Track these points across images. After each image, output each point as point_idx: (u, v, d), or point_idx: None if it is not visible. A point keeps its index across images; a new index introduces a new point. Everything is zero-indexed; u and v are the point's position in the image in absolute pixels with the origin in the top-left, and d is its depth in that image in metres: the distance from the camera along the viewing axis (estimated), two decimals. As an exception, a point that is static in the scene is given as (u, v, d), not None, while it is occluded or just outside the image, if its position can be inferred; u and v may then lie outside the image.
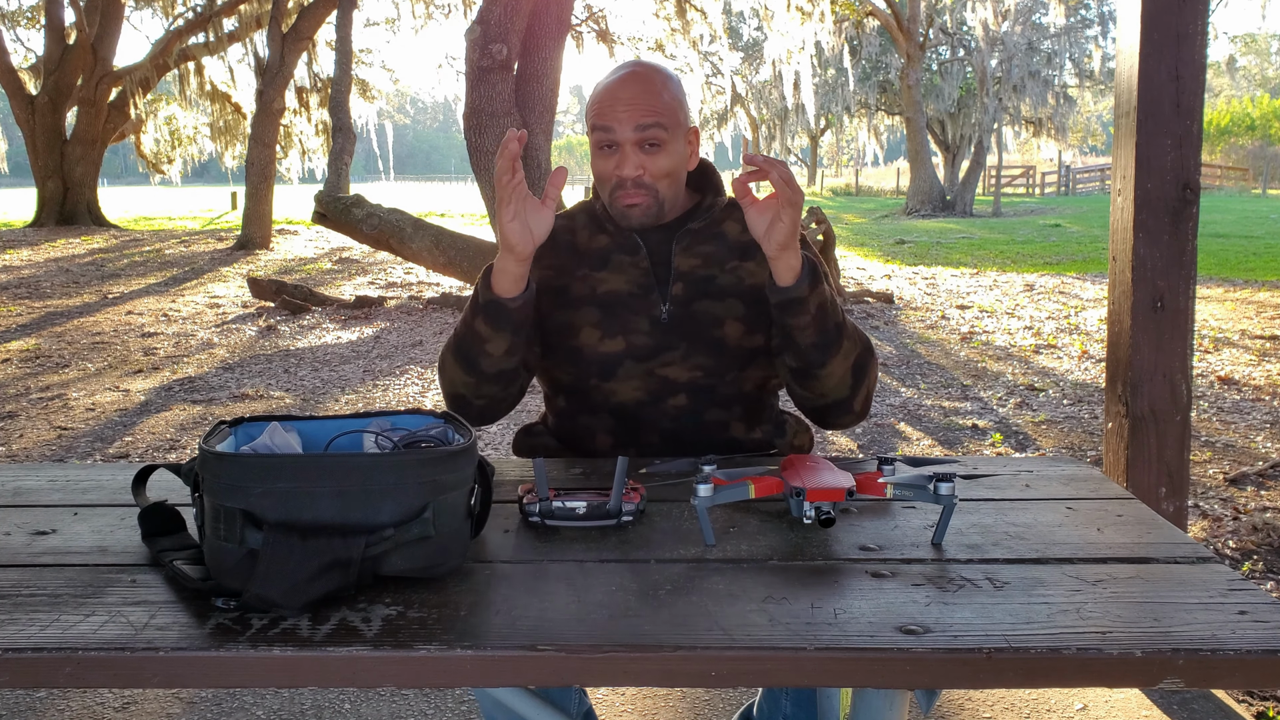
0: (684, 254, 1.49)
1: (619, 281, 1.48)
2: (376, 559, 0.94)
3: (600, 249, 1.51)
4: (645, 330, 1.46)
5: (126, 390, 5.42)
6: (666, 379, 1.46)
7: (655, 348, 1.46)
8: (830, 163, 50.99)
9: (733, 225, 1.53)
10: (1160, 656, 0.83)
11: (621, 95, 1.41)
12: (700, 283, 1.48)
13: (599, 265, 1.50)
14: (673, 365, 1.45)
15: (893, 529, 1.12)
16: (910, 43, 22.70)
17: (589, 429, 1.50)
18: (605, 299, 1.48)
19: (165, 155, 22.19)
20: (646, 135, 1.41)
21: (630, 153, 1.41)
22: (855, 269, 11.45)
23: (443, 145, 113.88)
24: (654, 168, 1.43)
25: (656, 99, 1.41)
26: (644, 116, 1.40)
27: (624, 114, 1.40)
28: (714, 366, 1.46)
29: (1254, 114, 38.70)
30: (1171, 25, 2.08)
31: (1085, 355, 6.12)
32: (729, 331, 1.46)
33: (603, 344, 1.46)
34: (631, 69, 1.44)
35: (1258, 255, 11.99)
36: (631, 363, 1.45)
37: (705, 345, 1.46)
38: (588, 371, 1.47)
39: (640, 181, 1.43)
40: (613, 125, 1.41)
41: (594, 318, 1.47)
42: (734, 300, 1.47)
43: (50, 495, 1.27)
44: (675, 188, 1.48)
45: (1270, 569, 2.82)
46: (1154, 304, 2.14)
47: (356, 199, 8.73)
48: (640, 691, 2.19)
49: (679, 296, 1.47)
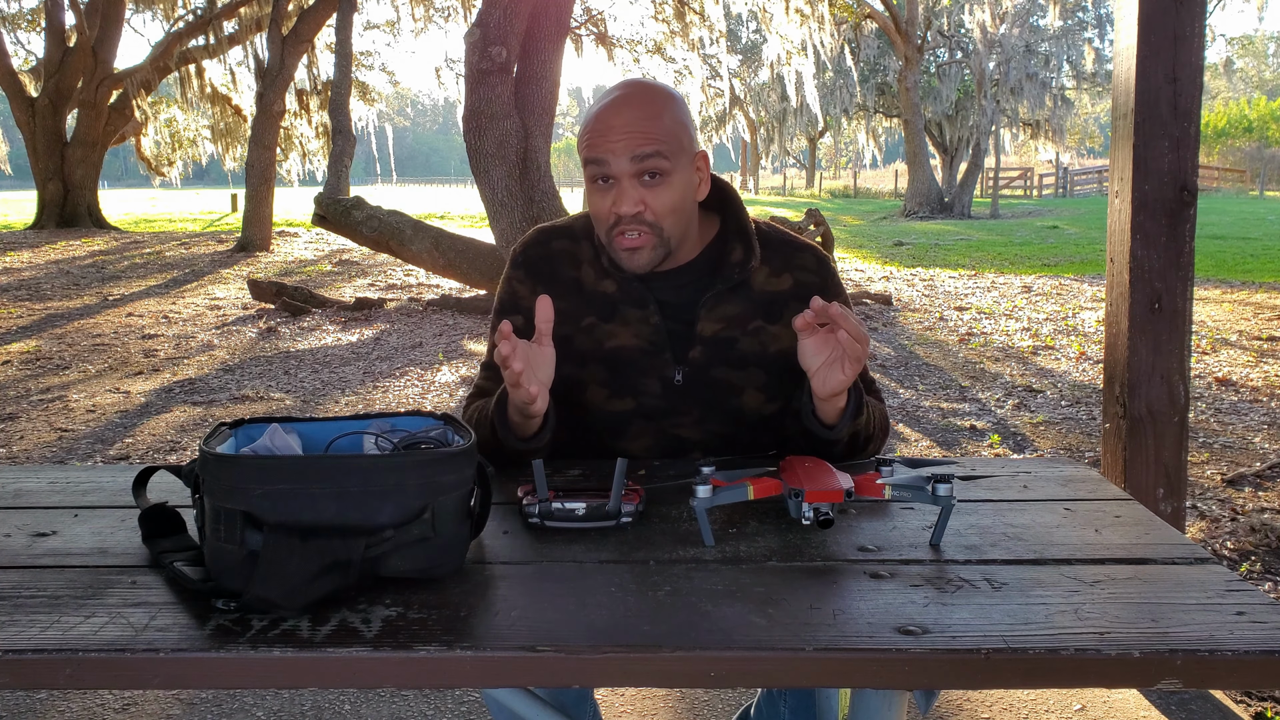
0: (708, 318, 1.35)
1: (628, 337, 1.36)
2: (376, 560, 0.94)
3: (607, 296, 1.37)
4: (656, 392, 1.36)
5: (127, 392, 5.42)
6: (679, 436, 1.38)
7: (667, 410, 1.36)
8: (828, 165, 51.02)
9: (759, 274, 1.38)
10: (1158, 657, 0.83)
11: (615, 123, 1.25)
12: (720, 347, 1.35)
13: (606, 315, 1.36)
14: (685, 427, 1.37)
15: (891, 530, 1.12)
16: (908, 45, 22.72)
17: None
18: (612, 356, 1.36)
19: (166, 157, 22.20)
20: (645, 166, 1.25)
21: (628, 187, 1.25)
22: (854, 271, 11.45)
23: (442, 147, 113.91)
24: (656, 203, 1.26)
25: (655, 123, 1.25)
26: (641, 145, 1.24)
27: (618, 143, 1.24)
28: (731, 433, 1.37)
29: (1251, 116, 38.74)
30: (1169, 27, 2.08)
31: (1083, 356, 6.12)
32: (747, 401, 1.36)
33: (610, 403, 1.36)
34: (625, 90, 1.28)
35: (1255, 257, 12.00)
36: (642, 421, 1.37)
37: (721, 413, 1.36)
38: (596, 426, 1.39)
39: (641, 219, 1.27)
40: (606, 157, 1.25)
41: (601, 376, 1.36)
42: (755, 369, 1.36)
43: (51, 497, 1.27)
44: (683, 224, 1.32)
45: (1268, 569, 2.83)
46: (1152, 305, 2.14)
47: (356, 201, 8.73)
48: (640, 692, 2.19)
49: (696, 360, 1.35)
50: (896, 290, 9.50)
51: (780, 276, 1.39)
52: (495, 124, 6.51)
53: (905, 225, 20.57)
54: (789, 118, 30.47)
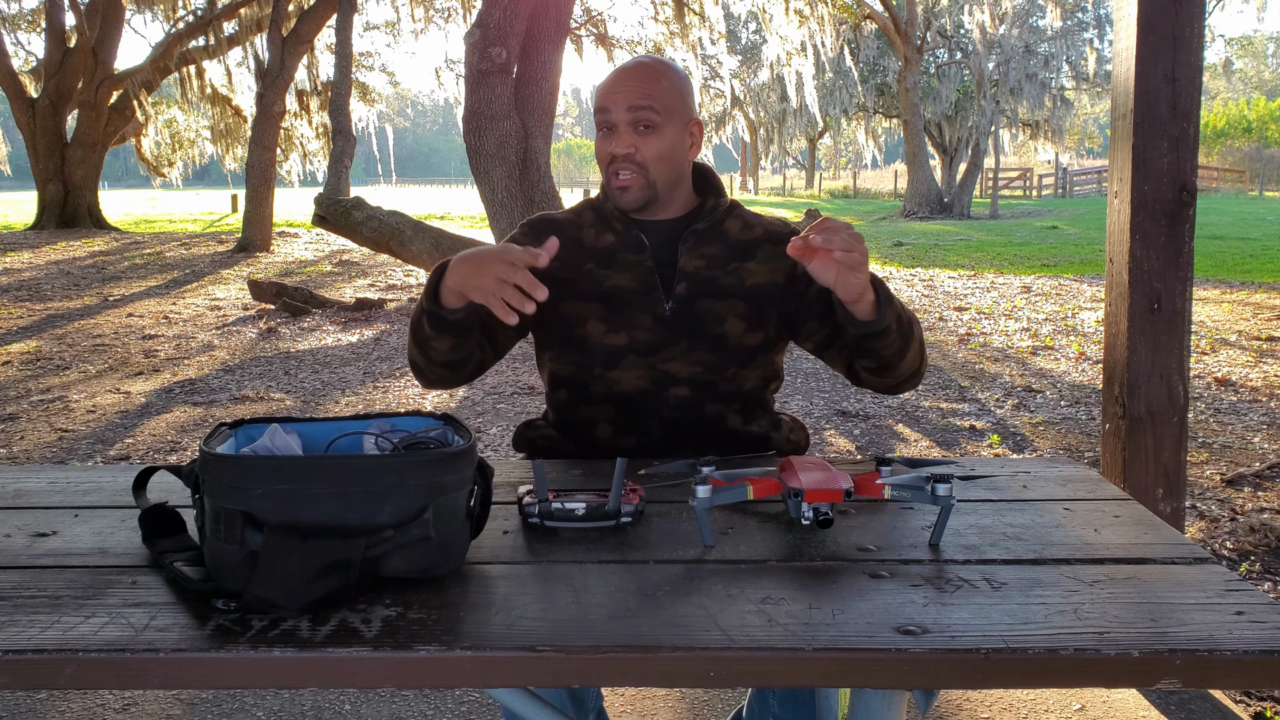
0: (689, 255, 1.53)
1: (624, 278, 1.52)
2: (376, 560, 0.94)
3: (607, 246, 1.55)
4: (648, 326, 1.50)
5: (127, 392, 5.42)
6: (668, 372, 1.50)
7: (657, 343, 1.50)
8: (828, 165, 51.03)
9: (733, 224, 1.57)
10: (1158, 657, 0.83)
11: (622, 79, 1.49)
12: (703, 282, 1.52)
13: (605, 263, 1.54)
14: (674, 360, 1.50)
15: (891, 530, 1.12)
16: (908, 46, 22.72)
17: (590, 419, 1.53)
18: (610, 294, 1.52)
19: (166, 158, 22.20)
20: (639, 116, 1.47)
21: (624, 132, 1.48)
22: (854, 271, 11.43)
23: (442, 148, 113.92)
24: (646, 148, 1.48)
25: (653, 84, 1.48)
26: (638, 99, 1.47)
27: (619, 95, 1.48)
28: (715, 363, 1.50)
29: (1250, 116, 38.74)
30: (1168, 28, 2.08)
31: (1082, 357, 6.12)
32: (730, 329, 1.50)
33: (607, 337, 1.51)
34: (638, 60, 1.53)
35: (1254, 257, 12.00)
36: (634, 356, 1.50)
37: (707, 341, 1.50)
38: (592, 360, 1.51)
39: (631, 159, 1.48)
40: (609, 106, 1.49)
41: (599, 311, 1.51)
42: (735, 299, 1.52)
43: (51, 497, 1.28)
44: (671, 174, 1.52)
45: (1267, 569, 2.83)
46: (1151, 305, 2.14)
47: (356, 202, 8.74)
48: (640, 692, 2.19)
49: (682, 295, 1.51)
50: (896, 291, 9.50)
51: (752, 229, 1.59)
52: (495, 124, 6.51)
53: (905, 226, 20.57)
54: (789, 118, 30.47)
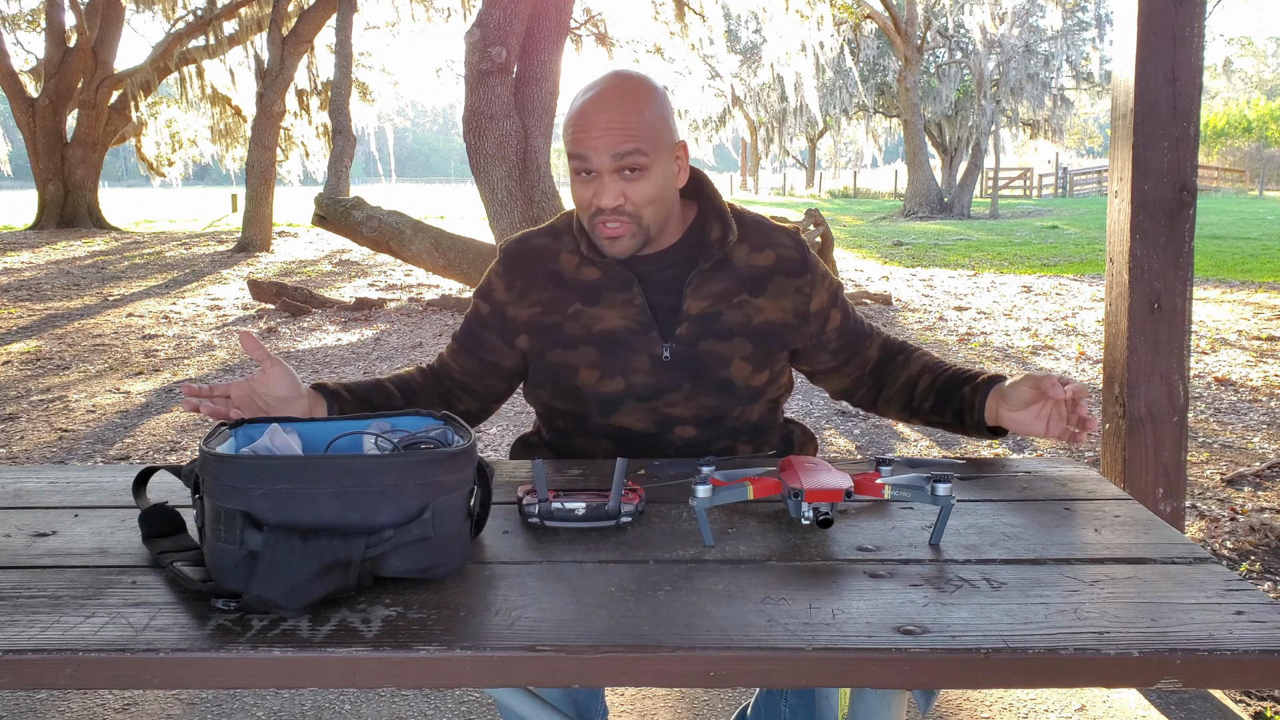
0: (694, 296, 1.40)
1: (614, 319, 1.39)
2: (376, 560, 0.94)
3: (590, 283, 1.40)
4: (645, 369, 1.39)
5: (127, 392, 5.42)
6: (671, 415, 1.41)
7: (657, 387, 1.39)
8: (828, 165, 51.01)
9: (739, 250, 1.43)
10: (1158, 657, 0.83)
11: (597, 119, 1.30)
12: (707, 321, 1.40)
13: (591, 300, 1.40)
14: (677, 405, 1.40)
15: (890, 529, 1.12)
16: (908, 45, 22.71)
17: (586, 450, 1.46)
18: (601, 338, 1.39)
19: (166, 158, 22.19)
20: (625, 162, 1.30)
21: (609, 181, 1.31)
22: (853, 270, 11.45)
23: (442, 148, 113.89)
24: (635, 195, 1.32)
25: (636, 120, 1.30)
26: (622, 143, 1.29)
27: (600, 140, 1.29)
28: (721, 406, 1.41)
29: (1251, 116, 38.70)
30: (1168, 27, 2.08)
31: (1083, 356, 6.12)
32: (735, 371, 1.40)
33: (602, 384, 1.39)
34: (606, 85, 1.32)
35: (1254, 257, 12.00)
36: (634, 401, 1.40)
37: (711, 385, 1.40)
38: (589, 409, 1.42)
39: (621, 210, 1.32)
40: (588, 153, 1.30)
41: (591, 358, 1.39)
42: (741, 339, 1.40)
43: (51, 497, 1.27)
44: (663, 213, 1.37)
45: (1267, 569, 2.83)
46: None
47: (356, 201, 8.73)
48: (640, 692, 2.19)
49: (684, 336, 1.39)
50: (896, 290, 9.50)
51: (762, 253, 1.44)
52: (495, 124, 6.51)
53: (905, 225, 20.57)
54: (789, 118, 30.43)
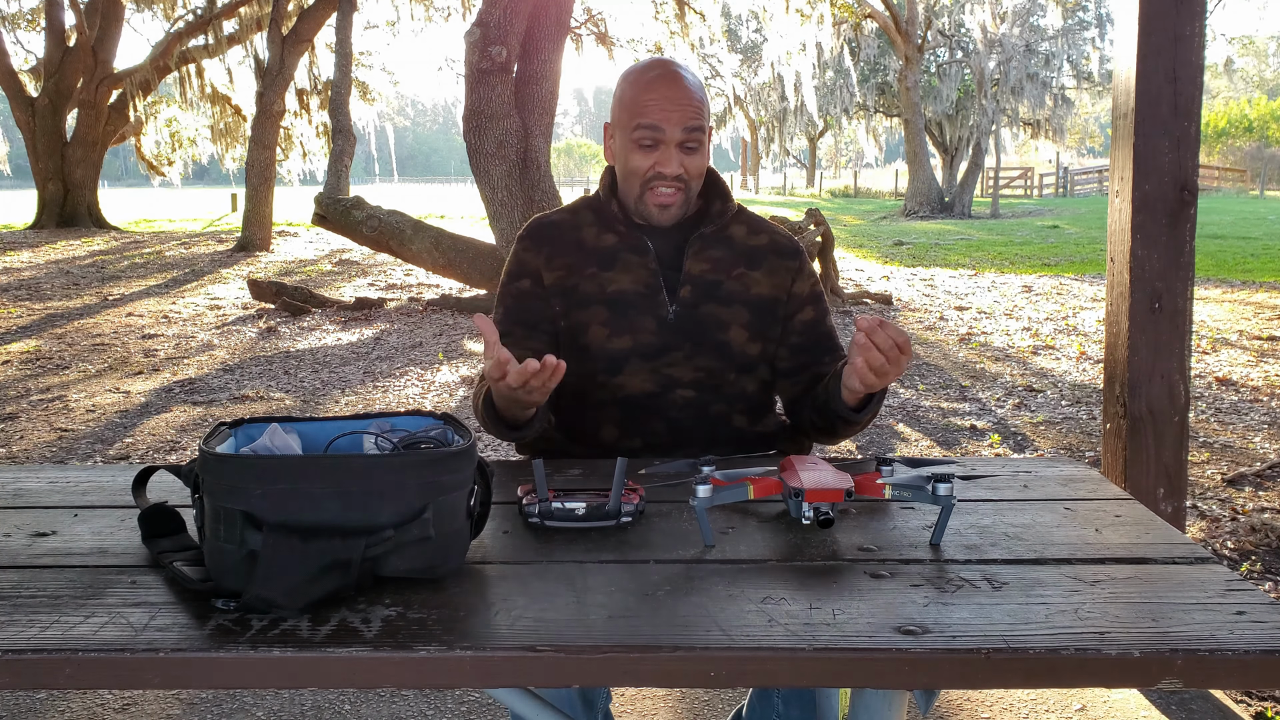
0: (695, 258, 1.52)
1: (626, 281, 1.51)
2: (376, 560, 0.94)
3: (608, 248, 1.53)
4: (651, 329, 1.49)
5: (127, 392, 5.42)
6: (672, 376, 1.50)
7: (661, 347, 1.49)
8: (829, 164, 51.02)
9: (738, 229, 1.57)
10: (1158, 657, 0.83)
11: (670, 95, 1.45)
12: (708, 287, 1.52)
13: (607, 264, 1.52)
14: (678, 365, 1.49)
15: (891, 530, 1.12)
16: (908, 45, 22.71)
17: (595, 421, 1.52)
18: (613, 298, 1.51)
19: (165, 157, 22.19)
20: (692, 136, 1.46)
21: (675, 152, 1.46)
22: (854, 270, 11.45)
23: (442, 147, 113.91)
24: (692, 167, 1.48)
25: (701, 99, 1.47)
26: (692, 119, 1.45)
27: (675, 114, 1.45)
28: (718, 368, 1.50)
29: (1251, 116, 38.70)
30: (1169, 27, 2.08)
31: (1083, 356, 6.12)
32: (733, 336, 1.51)
33: (610, 341, 1.49)
34: (669, 68, 1.49)
35: (1255, 256, 12.00)
36: (638, 360, 1.49)
37: (710, 347, 1.50)
38: (595, 367, 1.50)
39: (680, 179, 1.48)
40: (663, 125, 1.45)
41: (602, 316, 1.50)
42: (739, 307, 1.51)
43: (50, 497, 1.27)
44: (700, 186, 1.53)
45: (1268, 569, 2.83)
46: (1152, 305, 2.14)
47: (356, 201, 8.73)
48: (640, 692, 2.19)
49: (686, 299, 1.51)
50: (896, 290, 9.50)
51: (758, 235, 1.58)
52: (495, 124, 6.51)
53: (905, 225, 20.57)
54: (789, 117, 30.43)
